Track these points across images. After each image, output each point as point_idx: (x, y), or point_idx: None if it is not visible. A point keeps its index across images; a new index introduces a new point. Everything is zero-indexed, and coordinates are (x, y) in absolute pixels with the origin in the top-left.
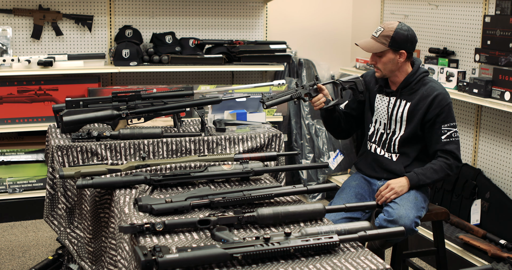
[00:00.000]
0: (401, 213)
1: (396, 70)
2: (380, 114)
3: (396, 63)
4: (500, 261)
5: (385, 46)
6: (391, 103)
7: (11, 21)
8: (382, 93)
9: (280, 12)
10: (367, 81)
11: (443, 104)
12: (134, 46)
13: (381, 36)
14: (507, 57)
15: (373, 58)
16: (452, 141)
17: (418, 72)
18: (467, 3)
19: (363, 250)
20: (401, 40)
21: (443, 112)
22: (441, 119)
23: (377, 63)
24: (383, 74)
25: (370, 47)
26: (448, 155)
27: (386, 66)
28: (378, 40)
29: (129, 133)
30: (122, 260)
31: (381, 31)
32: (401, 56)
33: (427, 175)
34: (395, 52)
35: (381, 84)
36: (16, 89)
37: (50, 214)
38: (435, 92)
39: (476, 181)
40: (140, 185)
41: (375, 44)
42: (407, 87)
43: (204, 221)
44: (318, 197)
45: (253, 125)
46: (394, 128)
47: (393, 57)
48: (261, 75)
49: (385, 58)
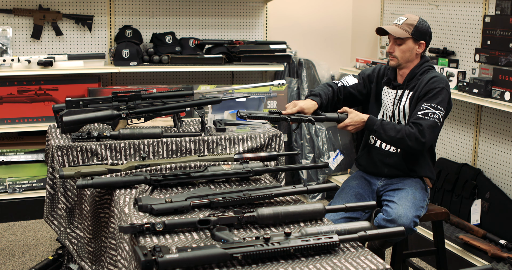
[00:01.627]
0: (399, 212)
1: (411, 61)
2: (387, 107)
3: (413, 53)
4: (500, 261)
5: (408, 33)
6: (397, 95)
7: (11, 21)
8: (389, 85)
9: (280, 12)
10: (380, 73)
11: (435, 86)
12: (134, 46)
13: (404, 24)
14: (507, 57)
15: (392, 46)
16: (426, 119)
17: (423, 64)
18: (467, 3)
19: (363, 250)
20: (423, 31)
21: (431, 93)
22: (426, 98)
23: (395, 51)
24: (398, 63)
25: (394, 31)
26: (415, 126)
27: (404, 54)
28: (402, 27)
29: (129, 133)
30: (122, 260)
31: (404, 20)
32: (420, 46)
33: (385, 127)
34: (415, 41)
35: (390, 76)
36: (16, 89)
37: (50, 214)
38: (432, 75)
39: (476, 181)
40: (140, 185)
41: (399, 30)
42: (413, 79)
43: (204, 221)
44: (318, 197)
45: (253, 125)
46: (398, 118)
47: (412, 46)
48: (261, 75)
49: (404, 46)
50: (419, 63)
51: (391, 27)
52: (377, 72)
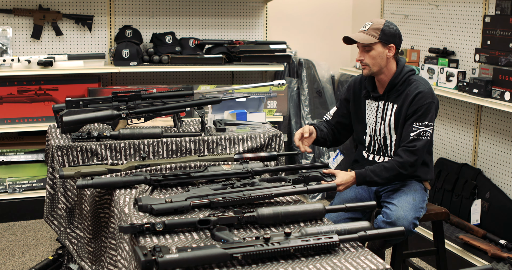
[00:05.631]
0: (399, 214)
1: (384, 67)
2: (370, 122)
3: (384, 58)
4: (500, 261)
5: (375, 38)
6: (380, 107)
7: (11, 21)
8: (369, 98)
9: (280, 12)
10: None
11: (422, 102)
12: (134, 46)
13: (370, 29)
14: (507, 57)
15: (361, 53)
16: (420, 139)
17: (402, 72)
18: (467, 3)
19: (363, 250)
20: (390, 33)
21: (420, 110)
22: (416, 117)
23: (365, 58)
24: (371, 71)
25: (361, 39)
26: (405, 154)
27: (375, 61)
28: (368, 33)
29: (129, 133)
30: (122, 260)
31: (370, 25)
32: (390, 50)
33: (376, 172)
34: (384, 45)
35: (368, 89)
36: (16, 89)
37: (50, 214)
38: (417, 90)
39: (476, 181)
40: (140, 185)
41: (365, 36)
42: (393, 89)
43: (204, 221)
44: (318, 197)
45: (253, 125)
46: (384, 133)
47: (382, 51)
48: (261, 75)
49: (374, 52)
50: (397, 72)
51: (357, 35)
52: (352, 89)
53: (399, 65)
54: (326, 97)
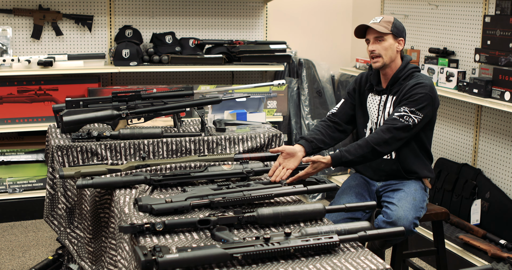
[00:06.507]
0: (399, 214)
1: (393, 60)
2: (372, 115)
3: (395, 50)
4: (500, 261)
5: (388, 29)
6: (382, 101)
7: (11, 21)
8: (372, 91)
9: (280, 12)
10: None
11: (418, 91)
12: (134, 46)
13: (382, 22)
14: (507, 57)
15: (373, 45)
16: (401, 121)
17: (406, 67)
18: (467, 3)
19: (363, 250)
20: (400, 28)
21: (413, 97)
22: (407, 102)
23: (378, 49)
24: (384, 62)
25: (376, 27)
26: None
27: (387, 52)
28: (381, 24)
29: (129, 133)
30: (122, 260)
31: (381, 18)
32: (400, 43)
33: (350, 151)
34: (395, 38)
35: (373, 82)
36: (16, 89)
37: (50, 214)
38: (417, 81)
39: (476, 181)
40: (140, 185)
41: (379, 26)
42: (396, 83)
43: (204, 221)
44: (318, 197)
45: (253, 125)
46: None
47: (393, 43)
48: (261, 75)
49: (386, 43)
50: (401, 67)
51: (372, 24)
52: (359, 81)
53: (404, 60)
54: (326, 97)
